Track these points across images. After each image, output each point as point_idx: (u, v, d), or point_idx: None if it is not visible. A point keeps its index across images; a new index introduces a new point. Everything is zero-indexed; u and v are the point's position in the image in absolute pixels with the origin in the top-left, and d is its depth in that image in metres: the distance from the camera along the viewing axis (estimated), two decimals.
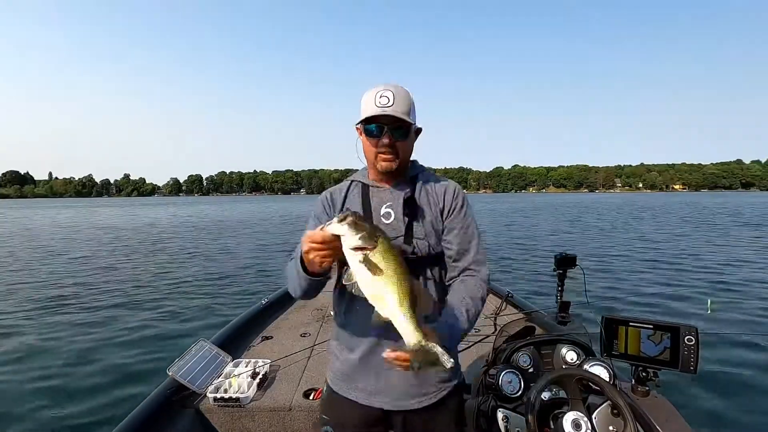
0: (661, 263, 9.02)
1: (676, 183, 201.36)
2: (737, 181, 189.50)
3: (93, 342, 4.72)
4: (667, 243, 12.19)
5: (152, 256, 11.37)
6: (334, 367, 1.26)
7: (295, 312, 3.54)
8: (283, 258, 10.84)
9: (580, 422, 1.15)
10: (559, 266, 2.20)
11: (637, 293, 6.55)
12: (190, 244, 14.00)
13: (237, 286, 7.65)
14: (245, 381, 2.15)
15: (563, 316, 2.20)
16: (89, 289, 7.49)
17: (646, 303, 6.01)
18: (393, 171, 1.17)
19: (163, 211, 39.81)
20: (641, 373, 1.48)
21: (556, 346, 1.54)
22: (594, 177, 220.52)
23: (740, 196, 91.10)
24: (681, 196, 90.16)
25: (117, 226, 22.20)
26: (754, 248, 10.89)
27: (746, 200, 51.97)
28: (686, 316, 5.27)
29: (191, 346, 2.35)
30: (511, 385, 1.35)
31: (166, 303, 6.42)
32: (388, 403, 1.17)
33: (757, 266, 8.43)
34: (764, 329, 4.87)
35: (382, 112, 1.08)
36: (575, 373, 1.27)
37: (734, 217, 22.41)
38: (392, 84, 1.14)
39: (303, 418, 2.02)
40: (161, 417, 1.92)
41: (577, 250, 4.80)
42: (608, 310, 5.47)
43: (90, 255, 11.78)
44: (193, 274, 8.75)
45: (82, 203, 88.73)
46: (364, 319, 1.15)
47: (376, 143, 1.14)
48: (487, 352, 1.61)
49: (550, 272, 4.63)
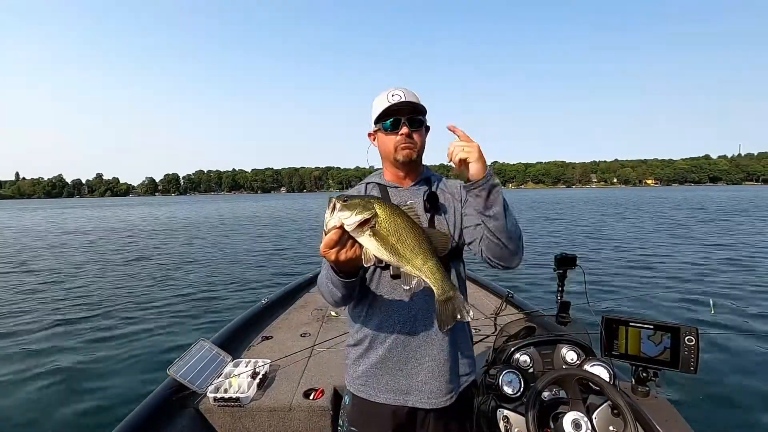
0: (661, 263, 9.01)
1: (649, 178, 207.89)
2: (705, 176, 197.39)
3: (93, 342, 4.72)
4: (668, 243, 12.19)
5: (152, 256, 11.37)
6: (356, 373, 1.23)
7: (295, 312, 3.54)
8: (281, 258, 10.84)
9: (580, 422, 1.15)
10: (559, 266, 2.19)
11: (637, 293, 6.54)
12: (189, 244, 14.00)
13: (237, 286, 7.65)
14: (245, 381, 2.15)
15: (563, 316, 2.19)
16: (89, 289, 7.49)
17: (646, 303, 6.00)
18: (412, 162, 1.20)
19: (158, 211, 39.81)
20: (641, 374, 1.48)
21: (556, 346, 1.54)
22: (571, 173, 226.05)
23: (710, 189, 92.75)
24: (655, 191, 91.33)
25: (112, 226, 22.20)
26: (755, 248, 10.88)
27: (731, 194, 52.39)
28: (686, 316, 5.27)
29: (191, 346, 2.35)
30: (511, 385, 1.35)
31: (166, 303, 6.42)
32: (425, 402, 1.16)
33: (757, 266, 8.43)
34: (764, 329, 4.87)
35: (398, 101, 1.15)
36: (575, 373, 1.27)
37: (728, 213, 22.41)
38: (400, 87, 1.21)
39: (303, 418, 2.02)
40: (161, 417, 1.92)
41: (577, 250, 4.78)
42: (608, 310, 5.47)
43: (89, 255, 11.78)
44: (193, 274, 8.75)
45: (51, 204, 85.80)
46: (390, 316, 1.17)
47: (395, 134, 1.18)
48: (487, 352, 1.60)
49: (550, 272, 4.63)
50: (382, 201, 0.88)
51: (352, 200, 0.84)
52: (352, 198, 0.86)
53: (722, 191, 73.03)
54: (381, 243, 0.84)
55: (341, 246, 0.87)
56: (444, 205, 1.22)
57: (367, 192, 1.27)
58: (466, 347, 1.25)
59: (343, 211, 0.82)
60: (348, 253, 0.88)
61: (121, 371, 3.93)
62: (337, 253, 0.87)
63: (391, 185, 1.25)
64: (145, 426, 1.82)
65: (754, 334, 4.66)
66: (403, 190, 1.24)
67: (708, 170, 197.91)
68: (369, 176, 1.32)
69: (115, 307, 6.22)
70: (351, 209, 0.82)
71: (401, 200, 1.23)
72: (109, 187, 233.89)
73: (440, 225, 1.19)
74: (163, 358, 4.08)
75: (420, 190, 1.23)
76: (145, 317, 5.66)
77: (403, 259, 0.86)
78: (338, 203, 0.83)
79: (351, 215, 0.82)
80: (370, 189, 1.28)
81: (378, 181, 1.27)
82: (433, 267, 0.88)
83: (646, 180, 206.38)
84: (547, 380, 1.22)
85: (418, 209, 1.20)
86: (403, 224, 0.86)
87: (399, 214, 0.87)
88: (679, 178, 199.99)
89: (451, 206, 1.22)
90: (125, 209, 47.52)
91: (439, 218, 1.20)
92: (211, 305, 6.28)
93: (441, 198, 1.23)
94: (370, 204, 0.84)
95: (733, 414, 3.08)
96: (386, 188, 1.25)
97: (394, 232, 0.85)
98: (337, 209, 0.83)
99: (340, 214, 0.82)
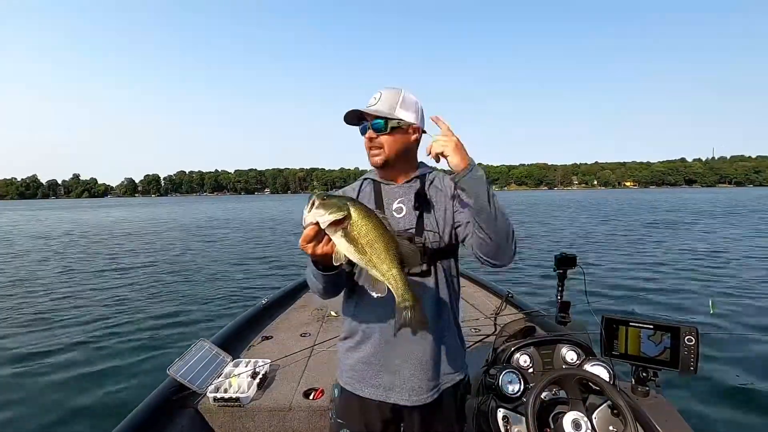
0: (661, 263, 9.01)
1: (628, 180, 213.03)
2: (681, 178, 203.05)
3: (93, 342, 4.72)
4: (667, 243, 12.19)
5: (152, 257, 11.37)
6: (345, 366, 1.26)
7: (295, 312, 3.54)
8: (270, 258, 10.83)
9: (580, 422, 1.15)
10: (559, 266, 2.19)
11: (636, 293, 6.54)
12: (188, 244, 14.00)
13: (237, 286, 7.65)
14: (245, 381, 2.15)
15: (563, 316, 2.19)
16: (88, 289, 7.50)
17: (646, 303, 6.01)
18: (381, 165, 1.21)
19: (152, 210, 39.81)
20: (641, 373, 1.48)
21: (556, 346, 1.54)
22: (553, 175, 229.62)
23: (686, 192, 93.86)
24: (633, 193, 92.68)
25: (105, 225, 22.20)
26: (751, 246, 10.89)
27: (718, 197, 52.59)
28: (686, 316, 5.27)
29: (191, 346, 2.35)
30: (511, 385, 1.35)
31: (166, 303, 6.43)
32: (406, 399, 1.17)
33: (757, 265, 8.43)
34: (764, 329, 4.87)
35: (364, 110, 1.18)
36: (575, 373, 1.26)
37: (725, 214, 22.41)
38: (393, 87, 1.20)
39: (303, 418, 2.02)
40: (161, 417, 1.92)
41: (576, 249, 4.76)
42: (608, 310, 5.47)
43: (89, 256, 11.79)
44: (193, 275, 8.76)
45: (23, 206, 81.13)
46: (376, 313, 1.18)
47: (365, 139, 1.20)
48: (487, 352, 1.60)
49: (550, 272, 4.63)
50: (358, 204, 0.90)
51: (330, 199, 0.88)
52: (331, 197, 0.89)
53: (700, 193, 74.16)
54: (351, 244, 0.88)
55: (317, 241, 0.91)
56: (434, 203, 1.21)
57: (362, 188, 1.29)
58: (453, 346, 1.25)
59: (319, 209, 0.86)
60: (324, 248, 0.92)
61: (121, 371, 3.93)
62: (313, 248, 0.92)
63: (384, 182, 1.26)
64: (145, 426, 1.82)
65: (754, 333, 4.66)
66: (395, 187, 1.25)
67: (684, 173, 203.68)
68: (367, 173, 1.34)
69: (115, 306, 6.22)
70: (326, 208, 0.86)
71: (392, 197, 1.24)
72: (87, 188, 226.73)
73: (429, 223, 1.18)
74: (163, 358, 4.07)
75: (412, 188, 1.24)
76: (145, 317, 5.66)
77: (370, 263, 0.90)
78: (317, 200, 0.87)
79: (325, 214, 0.86)
80: (365, 185, 1.29)
81: (373, 178, 1.29)
82: (397, 275, 0.91)
83: (625, 182, 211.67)
84: (547, 380, 1.22)
85: (409, 206, 1.20)
86: (374, 229, 0.89)
87: (372, 218, 0.90)
88: (657, 180, 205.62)
89: (442, 203, 1.22)
90: (107, 210, 47.39)
91: (428, 216, 1.19)
92: (211, 305, 6.28)
93: (433, 195, 1.22)
94: (345, 206, 0.87)
95: (733, 414, 3.08)
96: (380, 185, 1.26)
97: (364, 235, 0.88)
98: (314, 206, 0.86)
99: (316, 211, 0.86)
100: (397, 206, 1.22)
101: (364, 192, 1.28)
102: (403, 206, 1.21)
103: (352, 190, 1.29)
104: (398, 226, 1.18)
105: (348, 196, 0.93)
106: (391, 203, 1.23)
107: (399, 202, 1.22)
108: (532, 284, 7.23)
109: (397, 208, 1.22)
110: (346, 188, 1.33)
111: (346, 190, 1.31)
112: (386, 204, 1.23)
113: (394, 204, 1.22)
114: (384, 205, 1.22)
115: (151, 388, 2.11)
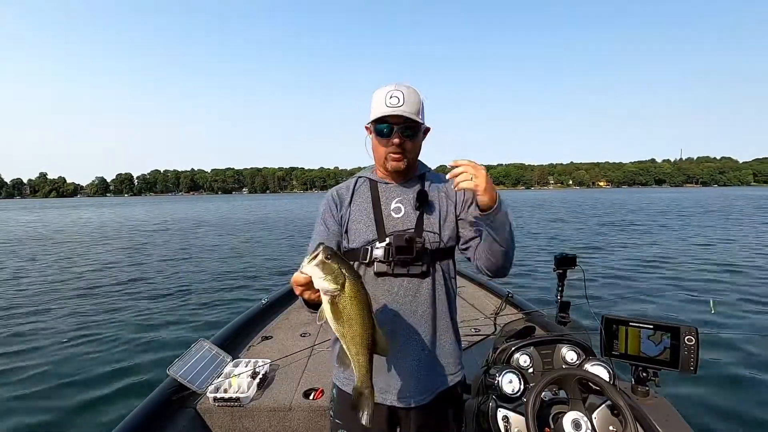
0: (661, 263, 9.01)
1: (601, 180, 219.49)
2: (651, 178, 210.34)
3: (93, 342, 4.72)
4: (667, 242, 12.19)
5: (151, 257, 11.37)
6: (340, 368, 1.24)
7: (295, 312, 3.54)
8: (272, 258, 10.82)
9: (580, 422, 1.15)
10: (559, 266, 2.19)
11: (636, 293, 6.54)
12: (187, 244, 14.00)
13: (237, 285, 7.65)
14: (245, 381, 2.15)
15: (563, 316, 2.20)
16: (88, 289, 7.49)
17: (646, 303, 6.00)
18: (403, 170, 1.19)
19: (156, 211, 39.81)
20: (641, 373, 1.48)
21: (556, 346, 1.54)
22: (530, 175, 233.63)
23: (656, 191, 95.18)
24: (608, 193, 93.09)
25: (100, 224, 22.20)
26: (750, 246, 10.89)
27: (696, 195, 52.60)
28: (686, 316, 5.27)
29: (191, 346, 2.35)
30: (511, 385, 1.35)
31: (165, 303, 6.42)
32: (401, 400, 1.16)
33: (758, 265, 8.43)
34: (764, 329, 4.87)
35: (392, 112, 1.09)
36: (575, 373, 1.26)
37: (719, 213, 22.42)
38: (403, 84, 1.14)
39: (303, 418, 2.02)
40: (161, 417, 1.92)
41: (576, 249, 4.77)
42: (608, 309, 5.47)
43: (88, 256, 11.79)
44: (193, 275, 8.75)
45: None
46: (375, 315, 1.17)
47: (387, 143, 1.15)
48: (487, 352, 1.60)
49: (550, 272, 4.63)
50: (354, 281, 0.89)
51: (333, 263, 0.86)
52: (334, 260, 0.87)
53: (670, 193, 75.32)
54: (334, 314, 0.89)
55: (307, 289, 0.91)
56: (434, 204, 1.20)
57: (356, 187, 1.25)
58: (450, 348, 1.23)
59: (318, 269, 0.85)
60: (312, 296, 0.92)
61: (121, 371, 3.93)
62: (302, 292, 0.92)
63: (382, 181, 1.24)
64: (145, 426, 1.82)
65: (754, 333, 4.66)
66: (393, 186, 1.23)
67: (654, 173, 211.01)
68: (362, 171, 1.31)
69: (115, 306, 6.22)
70: (325, 273, 0.85)
71: (390, 196, 1.21)
72: (55, 187, 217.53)
73: (428, 223, 1.17)
74: (163, 358, 4.07)
75: (411, 187, 1.22)
76: (145, 317, 5.66)
77: (343, 338, 0.92)
78: (321, 256, 0.86)
79: (321, 278, 0.86)
80: (360, 183, 1.26)
81: (369, 176, 1.25)
82: (362, 361, 0.93)
83: (599, 182, 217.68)
84: (547, 380, 1.22)
85: (408, 206, 1.19)
86: (358, 312, 0.89)
87: (360, 300, 0.90)
88: (628, 180, 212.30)
89: (444, 206, 1.21)
90: (79, 212, 47.45)
91: (428, 217, 1.18)
92: (210, 305, 6.27)
93: (434, 197, 1.21)
94: (342, 278, 0.87)
95: (733, 414, 3.07)
96: (377, 184, 1.24)
97: (347, 312, 0.89)
98: (316, 261, 0.86)
99: (315, 269, 0.86)
100: (396, 206, 1.19)
101: (360, 191, 1.24)
102: (402, 206, 1.19)
103: (347, 189, 1.26)
104: (396, 227, 1.17)
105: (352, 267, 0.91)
106: (388, 203, 1.20)
107: (397, 201, 1.20)
108: (532, 284, 7.23)
109: (395, 207, 1.19)
110: (339, 186, 1.29)
111: (340, 189, 1.27)
112: (383, 203, 1.20)
113: (392, 203, 1.20)
114: (381, 204, 1.20)
115: (151, 388, 2.11)
